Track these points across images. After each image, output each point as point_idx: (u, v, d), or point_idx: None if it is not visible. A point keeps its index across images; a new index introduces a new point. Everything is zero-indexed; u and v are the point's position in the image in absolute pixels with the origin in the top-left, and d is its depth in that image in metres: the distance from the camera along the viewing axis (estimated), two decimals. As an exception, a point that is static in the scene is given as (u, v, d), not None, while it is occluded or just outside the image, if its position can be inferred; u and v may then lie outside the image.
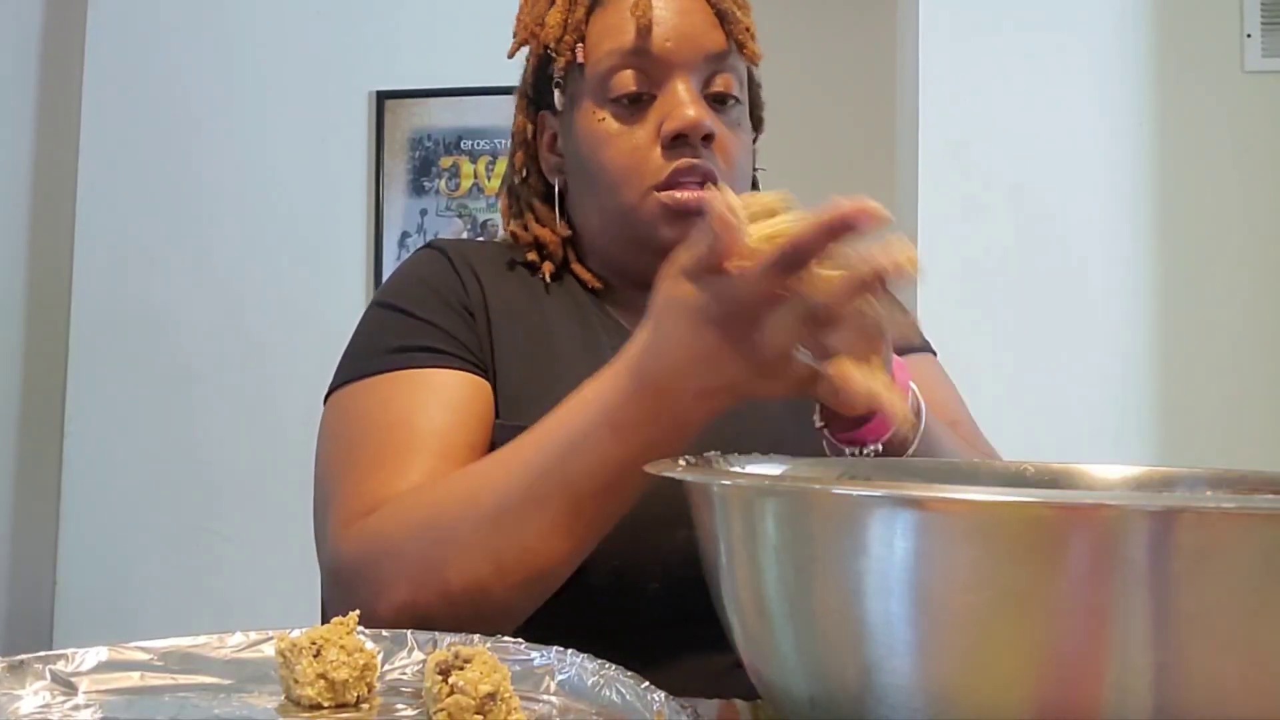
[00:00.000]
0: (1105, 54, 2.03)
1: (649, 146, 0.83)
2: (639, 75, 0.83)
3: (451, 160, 2.63)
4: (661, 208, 0.82)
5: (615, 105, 0.84)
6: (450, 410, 0.77)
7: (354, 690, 0.51)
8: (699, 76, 0.84)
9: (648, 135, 0.83)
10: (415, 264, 0.88)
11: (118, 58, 2.67)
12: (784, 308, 0.56)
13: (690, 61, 0.83)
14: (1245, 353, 1.99)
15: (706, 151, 0.82)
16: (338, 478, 0.76)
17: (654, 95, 0.84)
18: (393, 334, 0.82)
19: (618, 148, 0.84)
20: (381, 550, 0.69)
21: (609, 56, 0.84)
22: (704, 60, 0.84)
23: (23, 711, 0.49)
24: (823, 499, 0.42)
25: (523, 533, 0.64)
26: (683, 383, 0.60)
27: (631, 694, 0.49)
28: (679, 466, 0.53)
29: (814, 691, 0.42)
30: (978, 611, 0.37)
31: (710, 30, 0.84)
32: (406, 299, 0.84)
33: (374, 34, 2.66)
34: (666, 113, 0.82)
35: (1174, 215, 2.01)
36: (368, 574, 0.69)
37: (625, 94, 0.83)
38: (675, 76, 0.83)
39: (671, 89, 0.83)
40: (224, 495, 2.58)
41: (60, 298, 2.65)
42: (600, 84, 0.85)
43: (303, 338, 2.57)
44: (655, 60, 0.83)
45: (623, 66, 0.83)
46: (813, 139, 2.54)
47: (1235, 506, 0.36)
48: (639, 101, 0.84)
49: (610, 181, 0.85)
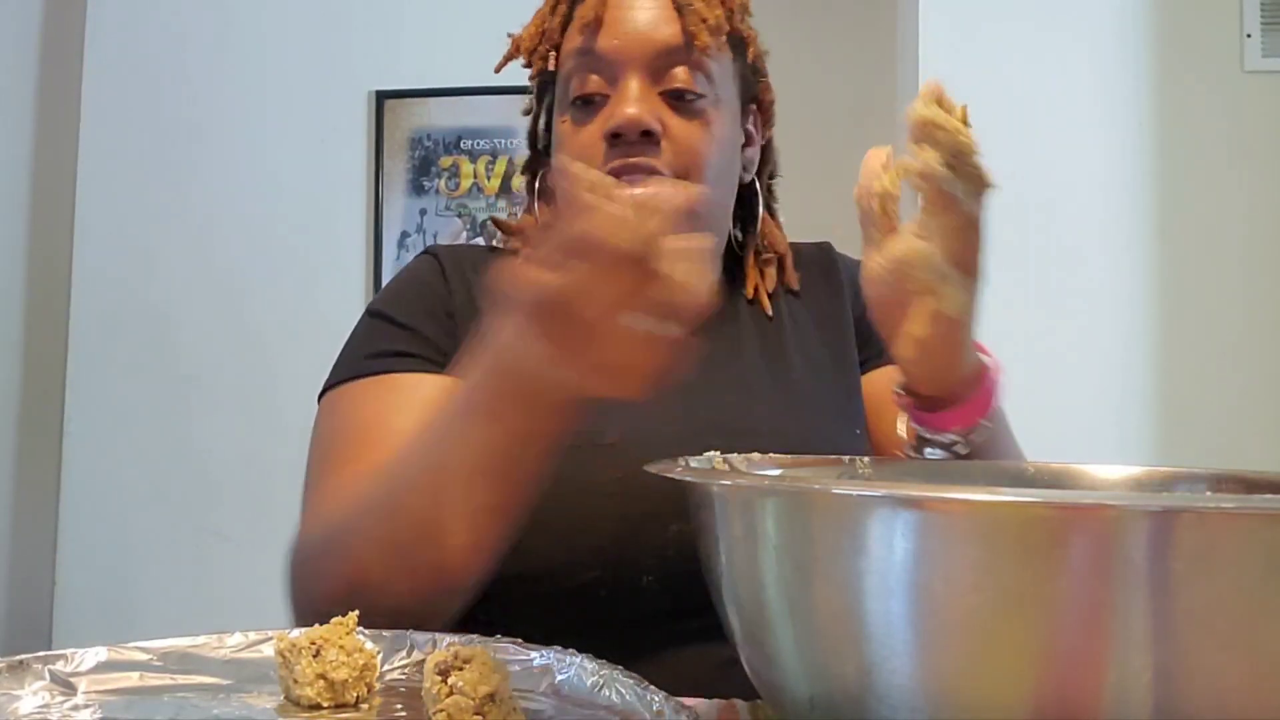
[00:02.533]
0: (1105, 54, 2.03)
1: (594, 146, 0.82)
2: (593, 77, 0.83)
3: (451, 160, 2.63)
4: None
5: (573, 108, 0.85)
6: (417, 412, 0.79)
7: (353, 690, 0.51)
8: (651, 72, 0.82)
9: (594, 135, 0.83)
10: (409, 270, 0.91)
11: (117, 57, 2.67)
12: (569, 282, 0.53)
13: (639, 58, 0.82)
14: (1245, 352, 1.99)
15: (652, 148, 0.81)
16: (312, 481, 0.79)
17: (607, 96, 0.83)
18: (373, 340, 0.84)
19: (570, 149, 0.84)
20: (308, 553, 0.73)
21: (568, 59, 0.85)
22: (655, 55, 0.82)
23: (22, 711, 0.49)
24: (823, 499, 0.42)
25: (412, 527, 0.65)
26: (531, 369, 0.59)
27: (631, 694, 0.49)
28: (679, 467, 0.53)
29: (814, 691, 0.42)
30: (978, 611, 0.37)
31: (664, 24, 0.83)
32: (391, 305, 0.86)
33: (374, 34, 2.66)
34: (610, 111, 0.82)
35: (1173, 215, 2.01)
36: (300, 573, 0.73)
37: (579, 95, 0.84)
38: (626, 75, 0.82)
39: (621, 87, 0.82)
40: (224, 495, 2.58)
41: (60, 297, 2.64)
42: (563, 87, 0.86)
43: (302, 337, 2.57)
44: (604, 59, 0.83)
45: (578, 69, 0.84)
46: (812, 138, 2.54)
47: (1235, 506, 0.36)
48: (591, 103, 0.84)
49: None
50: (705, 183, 0.83)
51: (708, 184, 0.84)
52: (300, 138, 2.65)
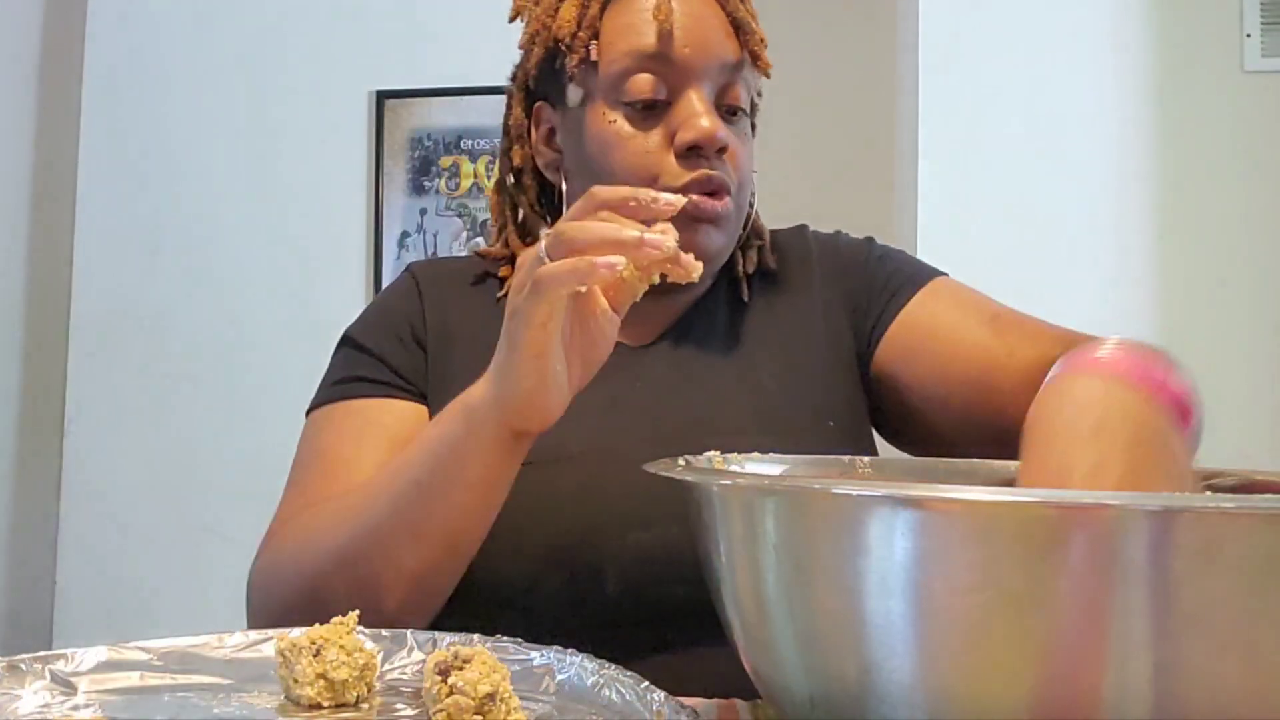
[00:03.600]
0: (1105, 54, 2.03)
1: (661, 152, 0.82)
2: (655, 80, 0.82)
3: (451, 160, 2.63)
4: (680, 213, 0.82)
5: (628, 108, 0.83)
6: (372, 438, 0.83)
7: (353, 690, 0.51)
8: (713, 86, 0.83)
9: (660, 141, 0.82)
10: (386, 291, 0.94)
11: (118, 57, 2.67)
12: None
13: (707, 70, 0.83)
14: (1246, 351, 1.99)
15: (719, 162, 0.82)
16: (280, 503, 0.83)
17: (668, 102, 0.83)
18: (340, 367, 0.88)
19: (629, 151, 0.83)
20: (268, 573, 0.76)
21: (624, 58, 0.83)
22: (719, 69, 0.83)
23: (22, 711, 0.49)
24: (822, 499, 0.42)
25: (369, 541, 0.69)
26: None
27: (631, 694, 0.49)
28: (679, 467, 0.53)
29: (814, 691, 0.42)
30: (977, 611, 0.37)
31: (726, 39, 0.84)
32: (361, 332, 0.90)
33: (374, 34, 2.66)
34: (681, 121, 0.82)
35: (1174, 214, 2.01)
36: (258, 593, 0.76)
37: (641, 99, 0.83)
38: (691, 84, 0.82)
39: (686, 97, 0.82)
40: (224, 494, 2.58)
41: (60, 295, 2.64)
42: (614, 85, 0.84)
43: (302, 337, 2.57)
44: (673, 66, 0.82)
45: (639, 69, 0.82)
46: (811, 139, 2.54)
47: (1233, 506, 0.36)
48: (653, 107, 0.83)
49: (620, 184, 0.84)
50: (744, 196, 0.87)
51: (746, 199, 0.87)
52: (301, 137, 2.65)
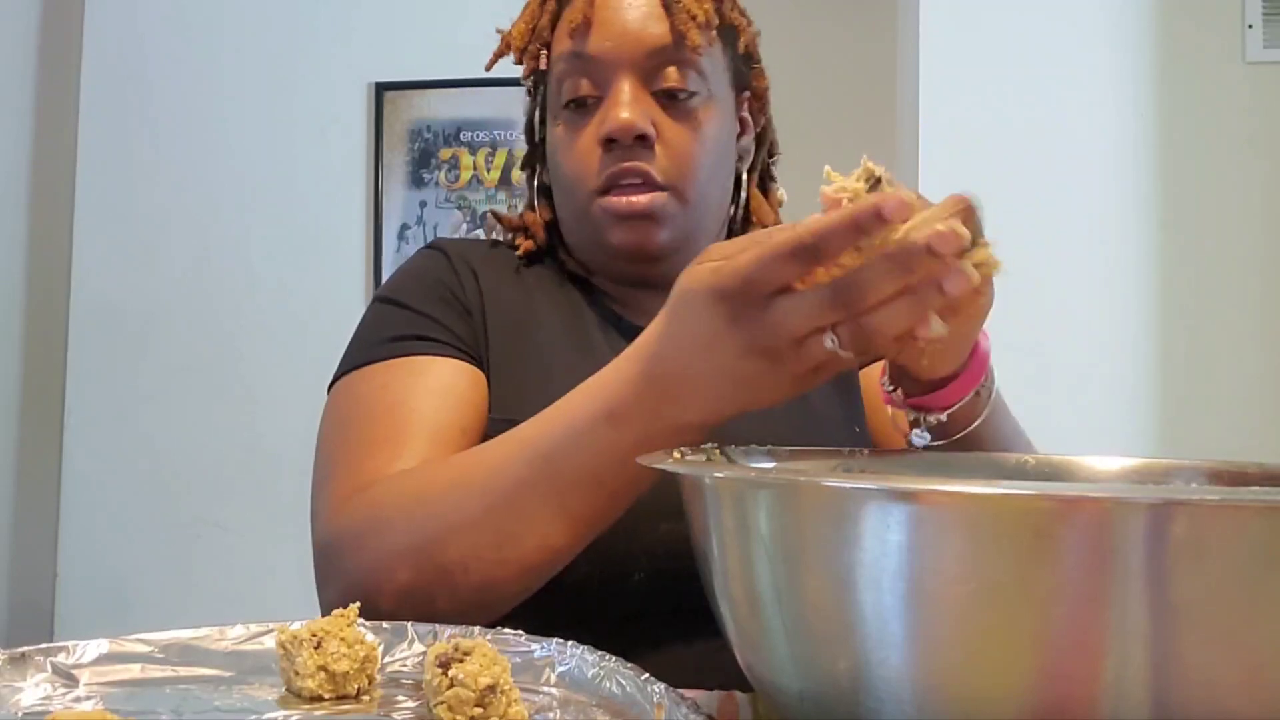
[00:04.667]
0: (1106, 45, 2.03)
1: (591, 151, 0.82)
2: (585, 79, 0.83)
3: (451, 152, 2.63)
4: (604, 212, 0.83)
5: (565, 111, 0.84)
6: (445, 396, 0.78)
7: (354, 682, 0.51)
8: (644, 73, 0.82)
9: (589, 139, 0.82)
10: (415, 262, 0.89)
11: (116, 52, 2.67)
12: (802, 294, 0.52)
13: (631, 59, 0.81)
14: (1247, 344, 1.99)
15: (644, 152, 0.81)
16: (334, 458, 0.76)
17: (600, 98, 0.83)
18: (391, 326, 0.82)
19: (567, 154, 0.84)
20: (373, 524, 0.68)
21: (559, 61, 0.84)
22: (646, 56, 0.81)
23: (24, 704, 0.49)
24: (815, 491, 0.41)
25: (510, 518, 0.64)
26: (686, 369, 0.57)
27: (632, 685, 0.49)
28: (672, 459, 0.53)
29: (804, 686, 0.42)
30: (970, 605, 0.37)
31: (653, 23, 0.82)
32: (405, 294, 0.84)
33: (373, 25, 2.65)
34: (603, 116, 0.82)
35: (1175, 206, 2.01)
36: (358, 546, 0.68)
37: (571, 99, 0.84)
38: (618, 76, 0.82)
39: (614, 90, 0.82)
40: (224, 487, 2.58)
41: (59, 291, 2.65)
42: (555, 90, 0.85)
43: (302, 329, 2.57)
44: (596, 62, 0.82)
45: (570, 71, 0.83)
46: (812, 132, 2.54)
47: (1223, 499, 0.36)
48: (583, 106, 0.83)
49: (566, 187, 0.86)
50: (696, 183, 0.83)
51: (699, 184, 0.83)
52: (300, 130, 2.65)
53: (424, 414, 0.76)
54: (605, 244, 0.84)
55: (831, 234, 0.50)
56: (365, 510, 0.70)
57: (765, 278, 0.52)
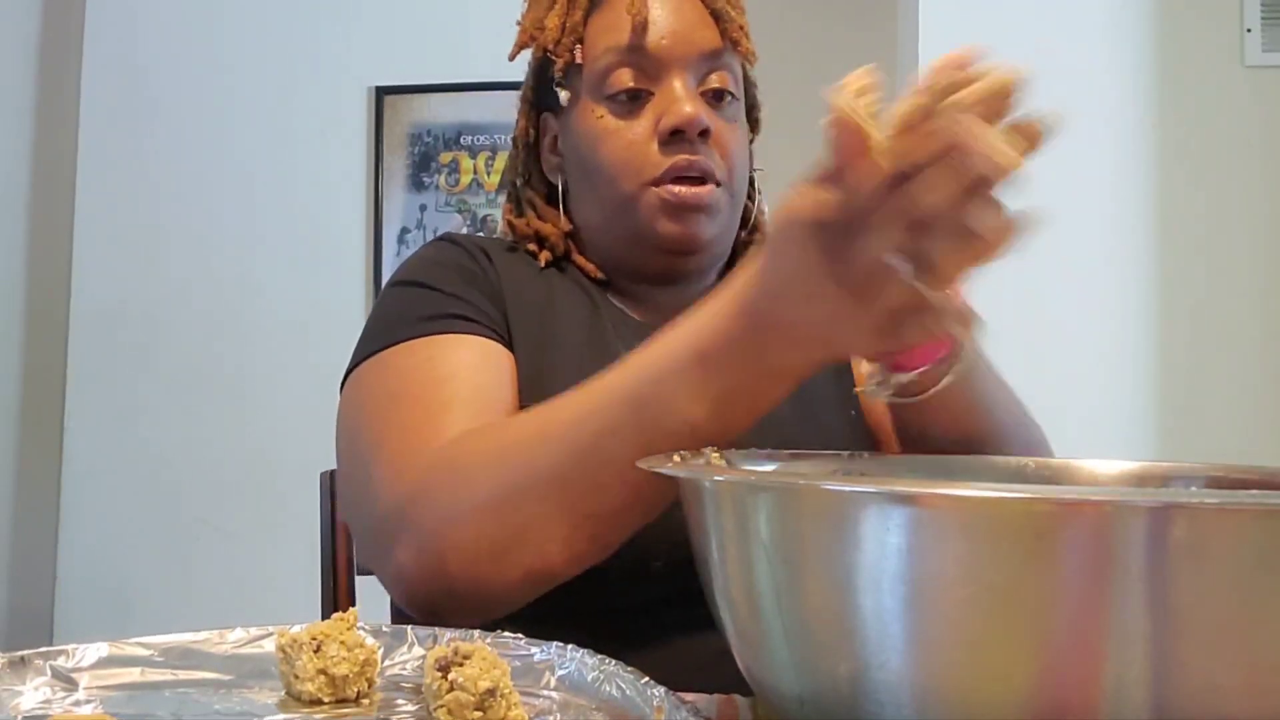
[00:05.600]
0: (1105, 49, 2.03)
1: (646, 142, 0.84)
2: (636, 72, 0.85)
3: (451, 155, 2.63)
4: (660, 202, 0.84)
5: (612, 102, 0.85)
6: (488, 371, 0.78)
7: (354, 686, 0.51)
8: (695, 73, 0.85)
9: (645, 131, 0.84)
10: (431, 251, 0.88)
11: (116, 55, 2.67)
12: (884, 217, 0.51)
13: (685, 58, 0.85)
14: (1246, 348, 1.99)
15: (704, 147, 0.84)
16: (383, 431, 0.73)
17: (651, 92, 0.85)
18: (422, 305, 0.81)
19: (615, 143, 0.85)
20: (452, 479, 0.66)
21: (606, 54, 0.85)
22: (699, 57, 0.85)
23: (24, 707, 0.49)
24: (814, 495, 0.41)
25: (597, 469, 0.62)
26: (781, 306, 0.56)
27: (631, 689, 0.49)
28: (672, 462, 0.53)
29: (804, 689, 0.42)
30: (969, 608, 0.37)
31: (705, 28, 0.85)
32: (429, 276, 0.83)
33: (373, 29, 2.66)
34: (664, 109, 0.84)
35: (1174, 210, 2.01)
36: (433, 501, 0.66)
37: (623, 90, 0.85)
38: (672, 73, 0.84)
39: (668, 85, 0.84)
40: (224, 490, 2.58)
41: (60, 293, 2.65)
42: (598, 82, 0.86)
43: (302, 332, 2.57)
44: (651, 57, 0.84)
45: (620, 64, 0.85)
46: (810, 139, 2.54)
47: (1222, 502, 0.36)
48: (637, 98, 0.85)
49: (609, 176, 0.86)
50: (739, 180, 0.87)
51: (740, 181, 0.88)
52: (300, 133, 2.65)
53: (476, 384, 0.75)
54: (650, 234, 0.84)
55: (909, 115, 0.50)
56: (441, 467, 0.68)
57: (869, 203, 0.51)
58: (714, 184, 0.84)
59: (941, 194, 0.49)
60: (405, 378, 0.76)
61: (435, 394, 0.74)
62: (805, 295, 0.55)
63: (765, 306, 0.57)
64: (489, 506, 0.64)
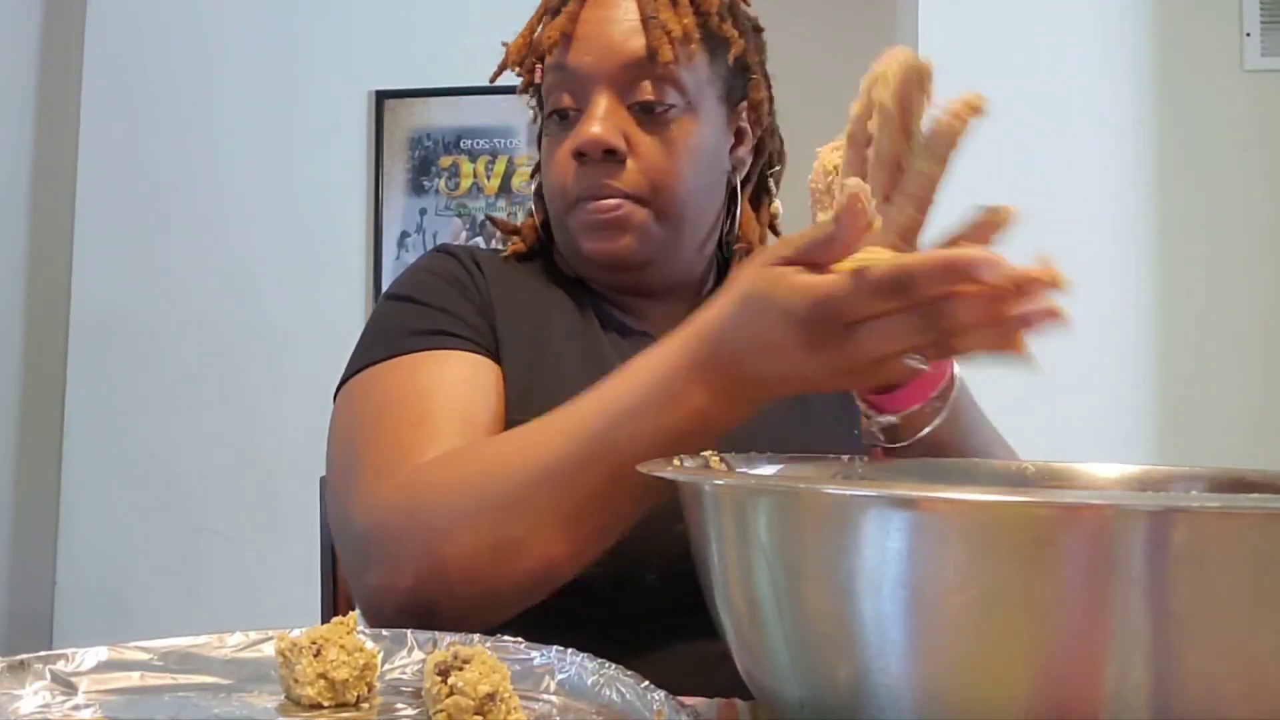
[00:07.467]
0: (1105, 53, 2.03)
1: (567, 163, 0.84)
2: (566, 92, 0.85)
3: (451, 160, 2.63)
4: (580, 222, 0.85)
5: (550, 122, 0.87)
6: (473, 387, 0.79)
7: (354, 690, 0.51)
8: (620, 86, 0.83)
9: (567, 152, 0.84)
10: (426, 263, 0.90)
11: (117, 58, 2.67)
12: (890, 320, 0.52)
13: (607, 73, 0.83)
14: (1246, 350, 1.99)
15: (615, 167, 0.82)
16: (366, 445, 0.75)
17: (580, 110, 0.84)
18: (410, 320, 0.82)
19: (550, 163, 0.86)
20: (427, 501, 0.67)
21: (548, 74, 0.87)
22: (621, 70, 0.83)
23: (23, 711, 0.49)
24: (815, 499, 0.41)
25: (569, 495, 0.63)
26: (755, 368, 0.57)
27: (631, 693, 0.49)
28: (672, 466, 0.53)
29: (804, 693, 0.42)
30: (969, 613, 0.37)
31: (631, 38, 0.83)
32: (420, 290, 0.85)
33: (373, 33, 2.66)
34: (578, 130, 0.83)
35: (1173, 214, 2.01)
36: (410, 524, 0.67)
37: (555, 110, 0.86)
38: (596, 90, 0.83)
39: (591, 103, 0.83)
40: (224, 494, 2.58)
41: (60, 297, 2.65)
42: (546, 100, 0.87)
43: (302, 336, 2.57)
44: (576, 75, 0.84)
45: (556, 84, 0.86)
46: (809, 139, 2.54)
47: (1223, 506, 0.36)
48: (566, 118, 0.85)
49: (550, 195, 0.88)
50: (672, 194, 0.84)
51: (675, 195, 0.84)
52: (300, 137, 2.65)
53: (456, 402, 0.76)
54: (581, 252, 0.86)
55: (929, 274, 0.51)
56: (417, 489, 0.69)
57: (853, 309, 0.53)
58: (633, 201, 0.83)
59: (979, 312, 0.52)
60: (389, 394, 0.77)
61: (416, 409, 0.75)
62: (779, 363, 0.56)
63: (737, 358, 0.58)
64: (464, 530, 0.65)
